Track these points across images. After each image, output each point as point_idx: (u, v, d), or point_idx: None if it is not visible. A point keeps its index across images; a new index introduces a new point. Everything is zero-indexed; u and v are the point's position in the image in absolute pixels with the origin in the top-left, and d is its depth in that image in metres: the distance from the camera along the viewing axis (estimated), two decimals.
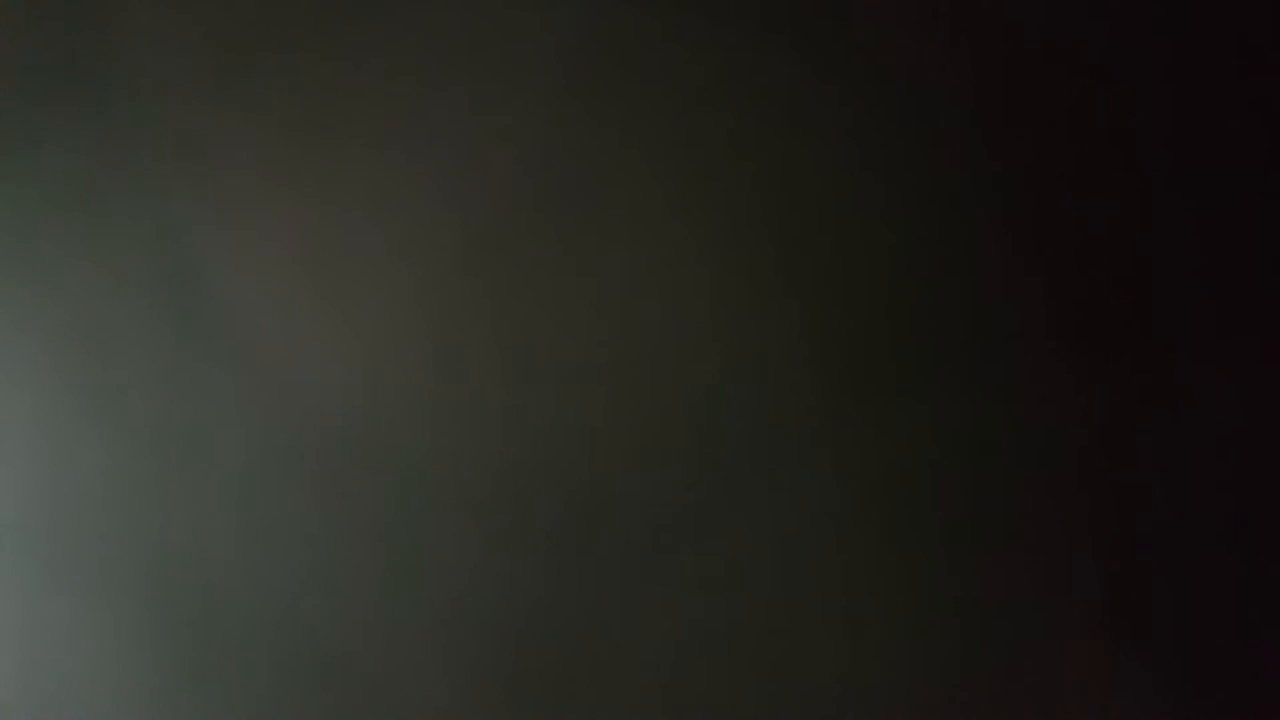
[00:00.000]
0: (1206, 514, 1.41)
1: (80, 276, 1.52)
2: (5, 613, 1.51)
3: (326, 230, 1.50)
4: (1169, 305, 1.42)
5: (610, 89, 1.48)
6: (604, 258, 1.48)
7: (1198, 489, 1.41)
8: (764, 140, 1.47)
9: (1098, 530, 1.42)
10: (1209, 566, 1.40)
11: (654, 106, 1.48)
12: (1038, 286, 1.43)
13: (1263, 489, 1.40)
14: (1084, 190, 1.44)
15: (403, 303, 1.49)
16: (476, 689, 1.47)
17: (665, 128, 1.48)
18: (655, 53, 1.48)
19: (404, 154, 1.50)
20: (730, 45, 1.47)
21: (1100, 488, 1.42)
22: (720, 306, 1.46)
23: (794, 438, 1.45)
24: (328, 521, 1.49)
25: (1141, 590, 1.41)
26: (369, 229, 1.50)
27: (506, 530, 1.48)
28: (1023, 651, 1.42)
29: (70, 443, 1.52)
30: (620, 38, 1.49)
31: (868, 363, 1.45)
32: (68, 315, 1.52)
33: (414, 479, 1.48)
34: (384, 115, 1.50)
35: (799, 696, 1.44)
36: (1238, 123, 1.42)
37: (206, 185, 1.52)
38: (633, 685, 1.46)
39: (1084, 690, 1.41)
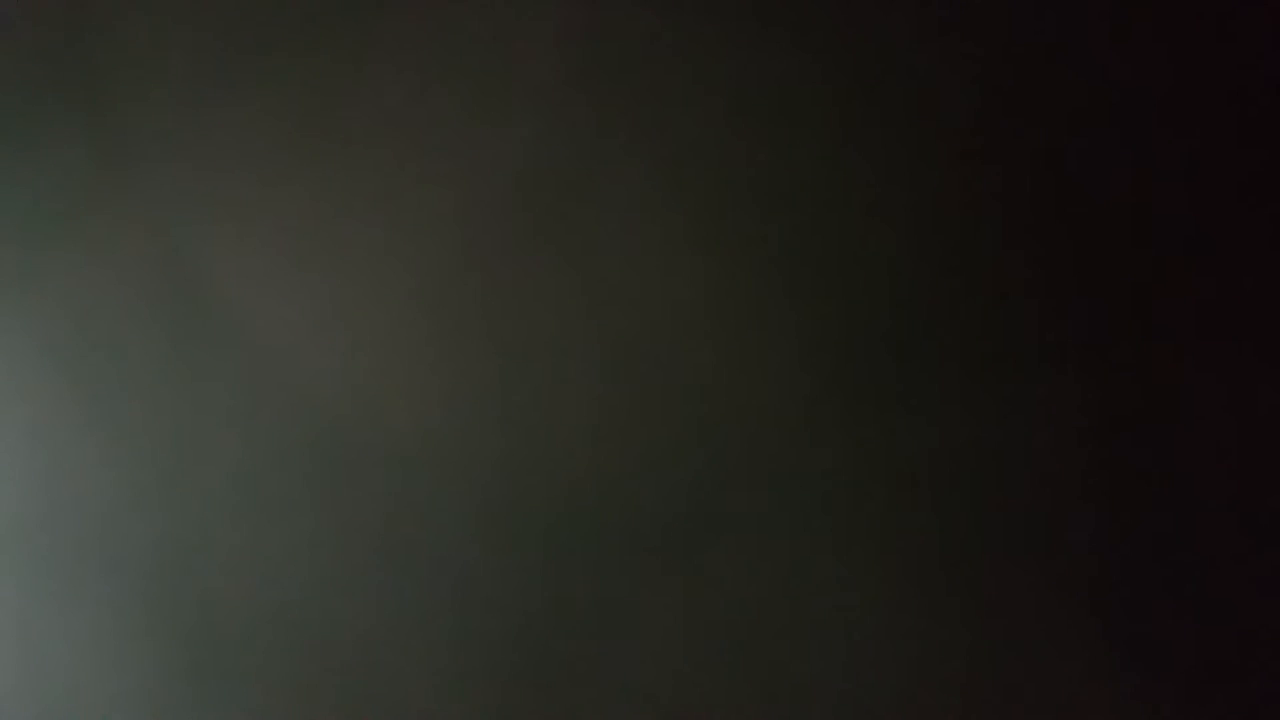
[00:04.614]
0: (1206, 514, 1.40)
1: (79, 277, 1.52)
2: (5, 613, 1.51)
3: (326, 230, 1.50)
4: (1170, 309, 1.42)
5: (609, 88, 1.48)
6: (603, 257, 1.48)
7: (1198, 490, 1.41)
8: (763, 141, 1.46)
9: (1098, 531, 1.42)
10: (1209, 566, 1.40)
11: (653, 106, 1.48)
12: (1038, 288, 1.43)
13: (1263, 489, 1.40)
14: (1085, 194, 1.43)
15: (402, 302, 1.49)
16: (477, 688, 1.47)
17: (665, 128, 1.48)
18: (655, 52, 1.48)
19: (403, 154, 1.50)
20: (729, 44, 1.47)
21: (1100, 490, 1.42)
22: (720, 307, 1.46)
23: (793, 437, 1.45)
24: (327, 521, 1.49)
25: (1141, 590, 1.41)
26: (368, 229, 1.50)
27: (507, 529, 1.48)
28: (1023, 652, 1.42)
29: (69, 443, 1.52)
30: (619, 37, 1.49)
31: (867, 363, 1.44)
32: (66, 315, 1.52)
33: (414, 478, 1.49)
34: (384, 115, 1.50)
35: (799, 698, 1.44)
36: (1238, 123, 1.42)
37: (207, 185, 1.52)
38: (633, 685, 1.46)
39: (1084, 691, 1.41)
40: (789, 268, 1.46)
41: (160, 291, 1.52)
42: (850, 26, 1.46)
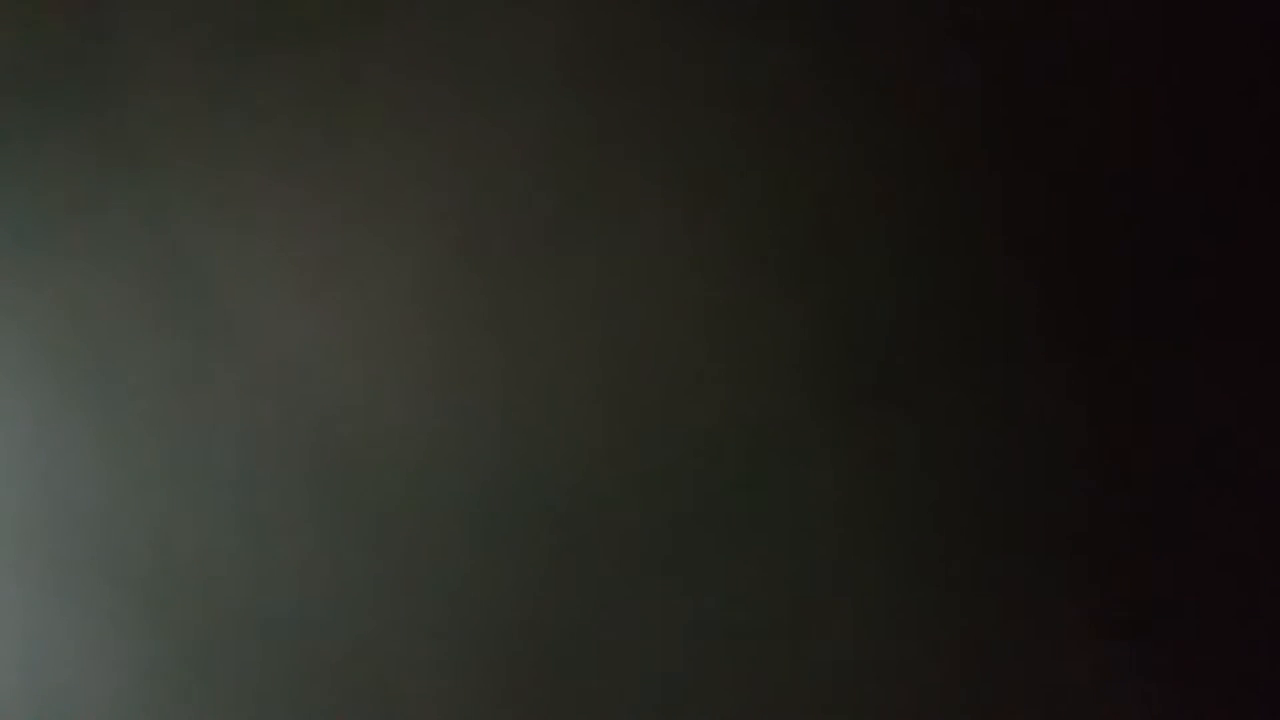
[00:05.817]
0: (1206, 513, 1.41)
1: (80, 276, 1.52)
2: (5, 613, 1.51)
3: (326, 230, 1.51)
4: (1168, 307, 1.42)
5: (610, 88, 1.49)
6: (603, 257, 1.48)
7: (1197, 489, 1.41)
8: (763, 140, 1.47)
9: (1098, 530, 1.42)
10: (1209, 566, 1.40)
11: (654, 105, 1.48)
12: (1037, 288, 1.43)
13: (1263, 489, 1.40)
14: (1084, 193, 1.44)
15: (402, 302, 1.49)
16: (476, 689, 1.47)
17: (665, 127, 1.48)
18: (655, 51, 1.48)
19: (404, 153, 1.50)
20: (729, 44, 1.47)
21: (1100, 488, 1.42)
22: (719, 307, 1.46)
23: (793, 437, 1.45)
24: (328, 522, 1.49)
25: (1141, 590, 1.41)
26: (369, 228, 1.50)
27: (507, 531, 1.48)
28: (1023, 652, 1.42)
29: (69, 442, 1.52)
30: (620, 36, 1.49)
31: (867, 364, 1.45)
32: (67, 314, 1.52)
33: (414, 479, 1.49)
34: (384, 114, 1.51)
35: (799, 699, 1.44)
36: (1237, 122, 1.42)
37: (207, 185, 1.52)
38: (633, 685, 1.46)
39: (1084, 690, 1.41)
40: (789, 267, 1.46)
41: (160, 291, 1.52)
42: (851, 26, 1.46)
